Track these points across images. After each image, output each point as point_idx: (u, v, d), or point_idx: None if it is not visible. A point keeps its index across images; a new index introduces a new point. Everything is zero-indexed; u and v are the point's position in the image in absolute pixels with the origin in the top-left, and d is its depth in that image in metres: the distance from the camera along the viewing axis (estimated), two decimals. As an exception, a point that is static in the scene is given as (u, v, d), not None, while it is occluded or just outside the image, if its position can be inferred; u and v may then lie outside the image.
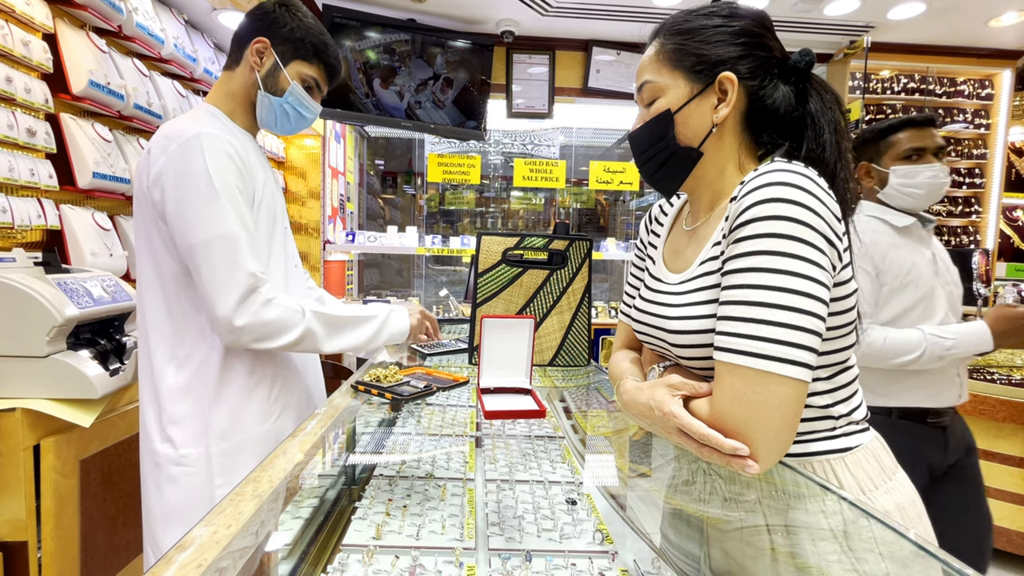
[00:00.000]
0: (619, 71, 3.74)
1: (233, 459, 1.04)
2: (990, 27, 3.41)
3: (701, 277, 0.69)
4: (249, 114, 1.15)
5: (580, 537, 0.61)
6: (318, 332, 1.05)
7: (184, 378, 1.02)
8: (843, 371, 0.70)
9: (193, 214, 0.96)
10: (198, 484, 1.02)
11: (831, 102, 0.71)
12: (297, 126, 1.17)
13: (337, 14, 3.18)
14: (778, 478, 0.68)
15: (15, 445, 1.15)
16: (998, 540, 2.16)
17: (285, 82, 1.11)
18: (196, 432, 1.02)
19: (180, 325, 1.03)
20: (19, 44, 1.49)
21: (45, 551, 1.19)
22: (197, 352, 1.03)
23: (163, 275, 1.02)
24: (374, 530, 0.60)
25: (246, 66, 1.11)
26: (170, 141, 0.98)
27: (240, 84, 1.12)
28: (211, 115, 1.09)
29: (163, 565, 0.47)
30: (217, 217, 0.96)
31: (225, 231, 0.96)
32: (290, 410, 1.14)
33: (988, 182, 4.02)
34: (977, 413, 2.15)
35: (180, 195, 0.96)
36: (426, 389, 1.06)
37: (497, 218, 4.82)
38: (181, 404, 1.02)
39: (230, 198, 0.98)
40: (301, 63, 1.12)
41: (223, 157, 0.99)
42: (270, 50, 1.10)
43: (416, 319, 1.23)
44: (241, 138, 1.10)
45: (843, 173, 0.69)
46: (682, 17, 0.73)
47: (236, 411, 1.04)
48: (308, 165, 3.42)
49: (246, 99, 1.13)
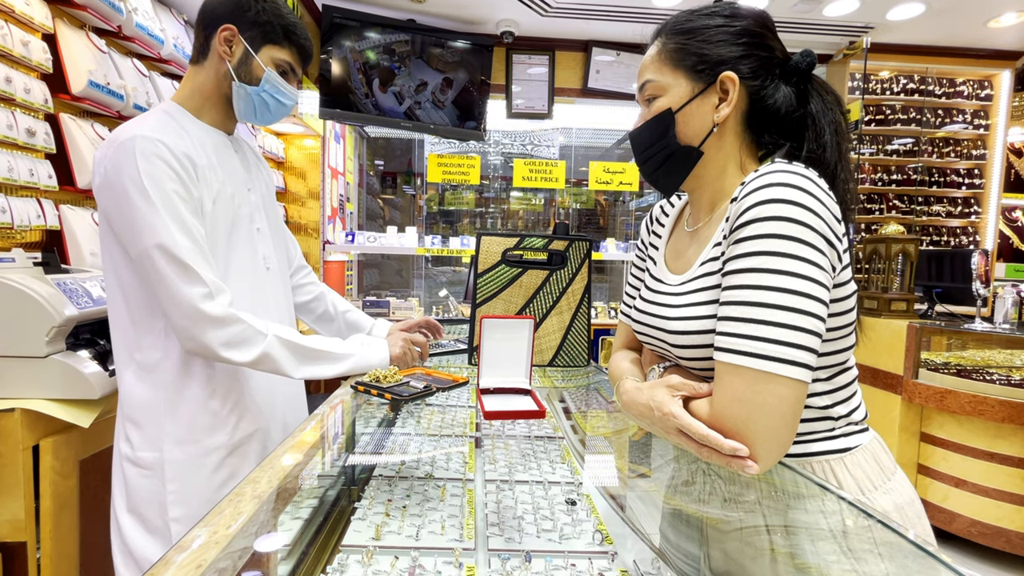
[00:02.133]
0: (619, 71, 3.74)
1: (186, 468, 1.01)
2: (989, 28, 3.41)
3: (702, 278, 0.69)
4: (221, 109, 1.09)
5: (580, 537, 0.61)
6: (279, 357, 1.00)
7: (141, 382, 1.00)
8: (843, 372, 0.70)
9: (131, 224, 0.92)
10: (151, 488, 0.99)
11: (832, 103, 0.72)
12: (277, 115, 1.12)
13: (337, 14, 3.18)
14: (778, 478, 0.68)
15: (14, 445, 1.14)
16: (997, 540, 2.16)
17: (259, 70, 1.05)
18: (152, 436, 1.00)
19: (139, 328, 1.00)
20: (18, 44, 1.49)
21: (44, 551, 1.19)
22: (153, 357, 1.00)
23: (121, 278, 0.99)
24: (374, 530, 0.60)
25: (215, 57, 1.05)
26: (109, 146, 0.94)
27: (210, 77, 1.06)
28: (164, 114, 1.03)
29: (162, 566, 0.47)
30: (153, 227, 0.91)
31: (161, 241, 0.91)
32: (249, 423, 1.08)
33: (987, 183, 4.03)
34: (977, 414, 2.15)
35: (118, 204, 0.93)
36: (426, 389, 1.06)
37: (497, 218, 4.82)
38: (138, 407, 1.00)
39: (167, 205, 0.92)
40: (273, 47, 1.06)
41: (156, 161, 0.93)
42: (239, 37, 1.04)
43: (399, 349, 1.16)
44: (196, 137, 1.03)
45: (843, 174, 0.69)
46: (684, 17, 0.73)
47: (192, 419, 1.01)
48: (308, 165, 3.42)
49: (217, 93, 1.07)
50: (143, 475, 1.00)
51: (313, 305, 1.39)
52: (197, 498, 1.01)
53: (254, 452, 1.10)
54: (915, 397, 2.36)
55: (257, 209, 1.15)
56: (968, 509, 2.24)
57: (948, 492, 2.30)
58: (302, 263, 1.40)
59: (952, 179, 4.04)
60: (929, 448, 2.39)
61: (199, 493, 1.02)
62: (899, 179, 4.03)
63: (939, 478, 2.34)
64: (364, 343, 1.13)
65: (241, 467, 1.07)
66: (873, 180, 4.02)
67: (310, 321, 1.41)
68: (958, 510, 2.27)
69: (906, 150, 4.02)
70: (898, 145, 4.03)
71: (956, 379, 2.25)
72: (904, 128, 3.96)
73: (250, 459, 1.09)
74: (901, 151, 4.03)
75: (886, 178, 4.03)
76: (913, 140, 4.01)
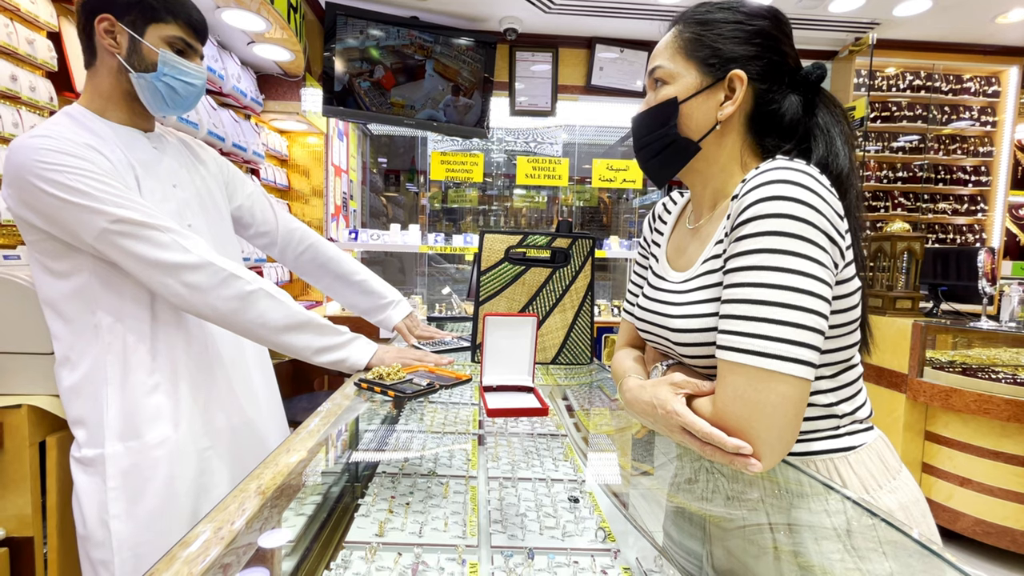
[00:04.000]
0: (622, 68, 3.73)
1: (129, 464, 0.98)
2: (997, 23, 3.38)
3: (704, 276, 0.69)
4: (126, 106, 1.04)
5: (582, 535, 0.61)
6: (273, 297, 1.01)
7: (77, 378, 0.99)
8: (847, 370, 0.70)
9: (69, 218, 0.91)
10: (93, 486, 0.98)
11: (839, 116, 0.72)
12: (189, 98, 1.06)
13: (340, 11, 3.18)
14: (781, 477, 0.68)
15: (20, 441, 1.15)
16: (1002, 540, 2.15)
17: (152, 54, 0.99)
18: (94, 434, 0.98)
19: (71, 326, 0.99)
20: (24, 42, 1.50)
21: (51, 546, 1.20)
22: (89, 353, 0.98)
23: (44, 281, 0.99)
24: (377, 527, 0.60)
25: (103, 54, 1.00)
26: (7, 160, 0.93)
27: (105, 76, 1.01)
28: (64, 115, 1.00)
29: (166, 562, 0.48)
30: (92, 210, 0.91)
31: (110, 219, 0.92)
32: (194, 417, 1.06)
33: (994, 180, 4.00)
34: (982, 412, 2.14)
35: (41, 208, 0.92)
36: (429, 387, 1.06)
37: (500, 216, 4.82)
38: (76, 405, 0.99)
39: (91, 185, 0.91)
40: (158, 26, 1.00)
41: (56, 155, 0.91)
42: (118, 26, 0.98)
43: (392, 356, 1.15)
44: (102, 135, 1.00)
45: (852, 179, 0.69)
46: (704, 8, 0.73)
47: (132, 413, 0.99)
48: (311, 163, 3.43)
49: (117, 90, 1.02)
50: (87, 472, 0.98)
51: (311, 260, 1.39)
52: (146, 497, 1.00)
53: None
54: (920, 396, 2.35)
55: (187, 206, 1.10)
56: (973, 508, 2.23)
57: (953, 491, 2.29)
58: (291, 227, 1.38)
59: (958, 176, 4.01)
60: (934, 447, 2.38)
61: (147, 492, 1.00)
62: (905, 176, 4.00)
63: (944, 477, 2.33)
64: (353, 335, 1.13)
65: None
66: (878, 177, 3.99)
67: (323, 285, 1.41)
68: (963, 509, 2.26)
69: (912, 147, 4.00)
70: (904, 142, 4.00)
71: (961, 378, 2.24)
72: (910, 125, 3.93)
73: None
74: (907, 148, 4.00)
75: (891, 175, 4.00)
76: (919, 137, 3.98)
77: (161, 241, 0.95)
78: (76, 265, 0.98)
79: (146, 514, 0.99)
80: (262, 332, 1.04)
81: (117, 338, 0.99)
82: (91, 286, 0.98)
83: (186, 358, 1.06)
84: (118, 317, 1.00)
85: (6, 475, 1.15)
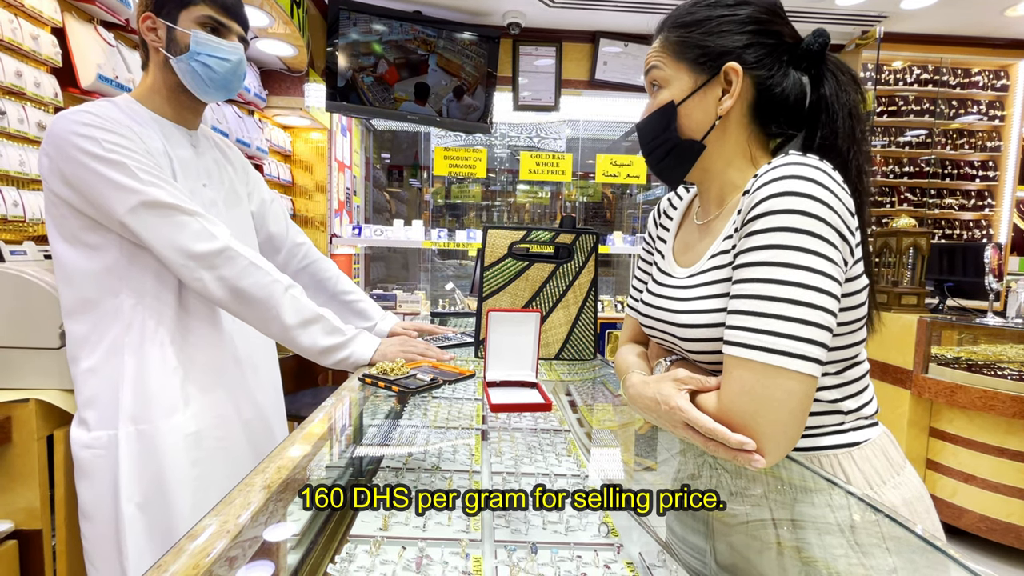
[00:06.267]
0: (626, 63, 3.71)
1: (140, 448, 0.99)
2: (1006, 16, 3.34)
3: (711, 271, 0.69)
4: (173, 99, 1.09)
5: (585, 530, 0.61)
6: (289, 291, 1.04)
7: (95, 359, 1.00)
8: (853, 366, 0.69)
9: (101, 193, 0.94)
10: (104, 467, 0.98)
11: (848, 83, 0.69)
12: (228, 77, 1.08)
13: (343, 6, 3.17)
14: (784, 472, 0.68)
15: (29, 435, 1.16)
16: (1007, 536, 2.15)
17: (184, 36, 1.03)
18: (107, 415, 0.99)
19: (93, 306, 1.00)
20: (28, 38, 1.50)
21: (59, 539, 1.21)
22: (109, 334, 1.00)
23: (70, 258, 1.00)
24: (381, 521, 0.60)
25: (152, 52, 1.05)
26: (50, 133, 0.95)
27: (153, 72, 1.06)
28: (109, 102, 1.03)
29: (174, 555, 0.48)
30: (125, 187, 0.93)
31: (141, 198, 0.94)
32: (206, 406, 1.07)
33: (1002, 175, 3.96)
34: (987, 409, 2.13)
35: (76, 181, 0.94)
36: (432, 382, 1.06)
37: (503, 211, 4.81)
38: (91, 385, 1.00)
39: (129, 161, 0.94)
40: (187, 10, 1.04)
41: (96, 131, 0.94)
42: (157, 20, 1.03)
43: (395, 349, 1.16)
44: (145, 122, 1.04)
45: (856, 160, 0.67)
46: (686, 8, 0.72)
47: (148, 396, 1.00)
48: (314, 158, 3.43)
49: (165, 84, 1.07)
50: (97, 456, 1.00)
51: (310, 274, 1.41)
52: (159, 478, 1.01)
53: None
54: (924, 392, 2.34)
55: (213, 205, 1.13)
56: (977, 505, 2.22)
57: (957, 487, 2.29)
58: (297, 241, 1.41)
59: (966, 171, 3.97)
60: (938, 443, 2.37)
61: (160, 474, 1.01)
62: (911, 171, 3.97)
63: (948, 473, 2.32)
64: (355, 331, 1.14)
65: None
66: (885, 172, 3.96)
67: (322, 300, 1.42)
68: (967, 506, 2.25)
69: (919, 142, 3.96)
70: (911, 137, 3.97)
71: (967, 374, 2.23)
72: (917, 119, 3.90)
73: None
74: (914, 143, 3.97)
75: (898, 170, 3.97)
76: (926, 132, 3.95)
77: (189, 225, 0.98)
78: (107, 241, 1.00)
79: (159, 498, 1.01)
80: (274, 325, 1.06)
81: (138, 320, 1.01)
82: (120, 264, 1.00)
83: (204, 346, 1.08)
84: (140, 299, 1.01)
85: (14, 468, 1.16)
